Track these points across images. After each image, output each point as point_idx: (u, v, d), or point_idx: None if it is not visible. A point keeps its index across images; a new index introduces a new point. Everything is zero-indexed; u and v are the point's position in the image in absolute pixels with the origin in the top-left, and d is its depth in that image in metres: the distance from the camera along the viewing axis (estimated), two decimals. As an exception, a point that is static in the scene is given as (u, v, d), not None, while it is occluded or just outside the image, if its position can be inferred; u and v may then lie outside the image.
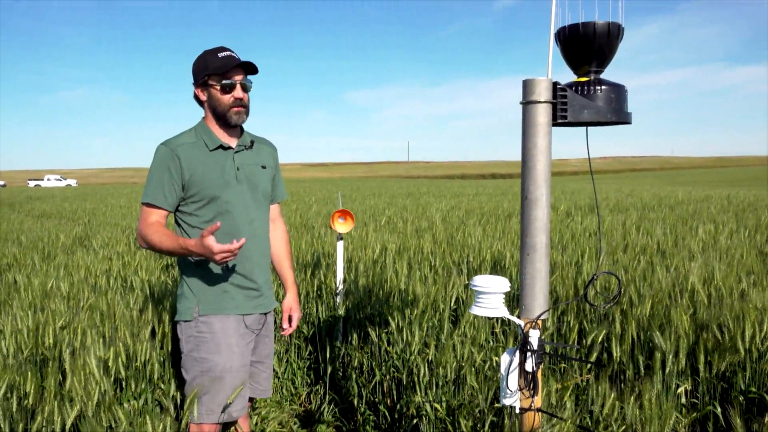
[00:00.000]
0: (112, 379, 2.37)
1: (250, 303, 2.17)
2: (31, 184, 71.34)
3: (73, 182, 74.97)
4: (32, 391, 2.05)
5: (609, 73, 1.64)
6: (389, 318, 2.95)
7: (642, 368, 2.48)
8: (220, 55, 2.06)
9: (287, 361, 3.62)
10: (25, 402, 2.06)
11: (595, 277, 1.65)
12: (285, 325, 2.41)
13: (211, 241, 1.88)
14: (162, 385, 2.57)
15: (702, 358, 2.38)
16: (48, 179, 73.74)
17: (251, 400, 2.37)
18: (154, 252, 2.12)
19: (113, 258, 4.80)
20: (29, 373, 2.08)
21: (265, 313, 2.27)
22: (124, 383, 2.46)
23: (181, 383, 2.42)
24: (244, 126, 2.21)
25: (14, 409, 2.02)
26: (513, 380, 1.61)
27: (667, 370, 2.36)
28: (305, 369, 3.61)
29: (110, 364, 2.35)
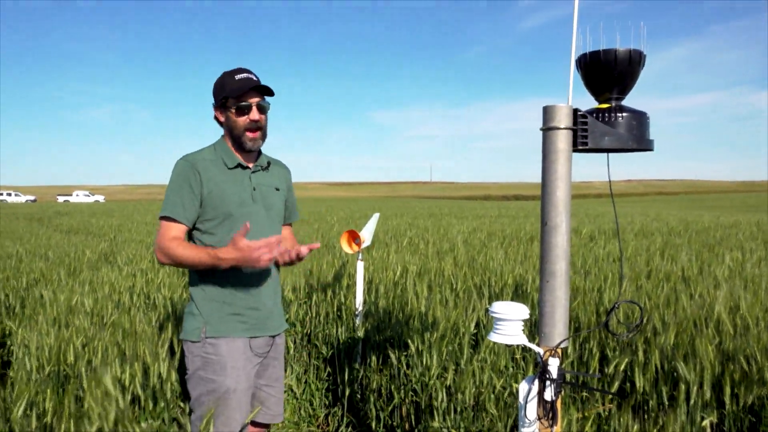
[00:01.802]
0: (130, 397, 2.38)
1: (257, 325, 2.16)
2: (60, 199, 72.83)
3: (100, 198, 76.36)
4: (50, 408, 2.07)
5: (633, 97, 1.63)
6: (408, 341, 2.93)
7: (666, 399, 2.42)
8: (237, 77, 2.07)
9: (306, 381, 3.61)
10: (44, 419, 2.08)
11: (616, 305, 1.62)
12: (305, 248, 2.10)
13: (246, 242, 1.89)
14: (181, 404, 2.58)
15: (728, 390, 2.32)
16: (76, 195, 75.22)
17: (265, 426, 2.35)
18: (176, 266, 2.11)
19: (137, 275, 4.86)
20: (48, 390, 2.11)
21: (274, 336, 2.25)
22: (142, 401, 2.48)
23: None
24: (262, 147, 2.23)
25: (33, 426, 2.04)
26: (531, 409, 1.58)
27: (692, 402, 2.30)
28: (323, 390, 3.60)
29: (126, 383, 2.36)
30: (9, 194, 74.14)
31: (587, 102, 1.64)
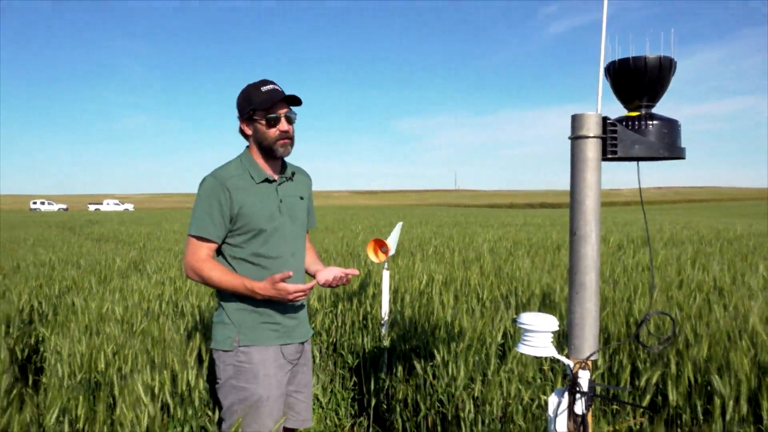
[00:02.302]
0: (160, 405, 2.41)
1: (289, 333, 2.18)
2: (91, 208, 74.42)
3: (130, 207, 77.77)
4: (83, 414, 2.10)
5: (662, 103, 1.60)
6: (435, 351, 2.92)
7: (700, 413, 2.36)
8: (264, 88, 2.08)
9: (332, 391, 3.61)
10: (77, 425, 2.11)
11: (647, 316, 1.59)
12: (348, 271, 2.22)
13: (283, 284, 1.97)
14: (209, 412, 2.59)
15: (765, 404, 2.25)
16: (107, 203, 76.74)
17: (292, 431, 2.36)
18: (206, 285, 2.14)
19: (166, 283, 4.92)
20: (81, 397, 2.14)
21: (303, 342, 2.27)
22: (171, 409, 2.50)
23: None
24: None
25: (66, 432, 2.07)
26: (561, 423, 1.56)
27: (728, 417, 2.24)
28: (349, 400, 3.59)
29: (156, 391, 2.39)
30: (42, 203, 75.99)
31: (616, 109, 1.62)
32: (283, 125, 2.09)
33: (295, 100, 2.13)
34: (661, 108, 1.60)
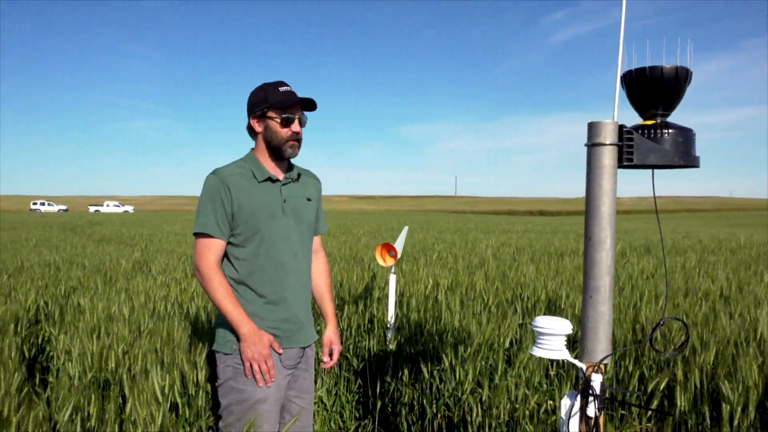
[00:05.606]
0: (168, 404, 2.42)
1: (289, 337, 2.17)
2: (92, 209, 74.41)
3: (130, 208, 77.70)
4: (95, 413, 2.11)
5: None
6: (442, 355, 2.93)
7: (708, 419, 2.38)
8: (281, 89, 2.11)
9: (336, 394, 3.62)
10: (88, 424, 2.12)
11: (661, 322, 1.61)
12: (325, 358, 2.39)
13: (268, 349, 2.06)
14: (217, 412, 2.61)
15: (772, 411, 2.27)
16: (107, 205, 76.73)
17: None
18: (204, 290, 2.15)
19: (171, 284, 4.93)
20: (93, 396, 2.15)
21: (305, 347, 2.25)
22: (179, 408, 2.51)
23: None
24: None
25: (77, 431, 2.08)
26: (574, 425, 1.57)
27: (735, 423, 2.25)
28: (354, 403, 3.60)
29: (166, 390, 2.40)
30: (43, 204, 76.03)
31: (628, 117, 1.64)
32: (296, 126, 2.12)
33: (311, 105, 2.15)
34: (671, 117, 1.62)
